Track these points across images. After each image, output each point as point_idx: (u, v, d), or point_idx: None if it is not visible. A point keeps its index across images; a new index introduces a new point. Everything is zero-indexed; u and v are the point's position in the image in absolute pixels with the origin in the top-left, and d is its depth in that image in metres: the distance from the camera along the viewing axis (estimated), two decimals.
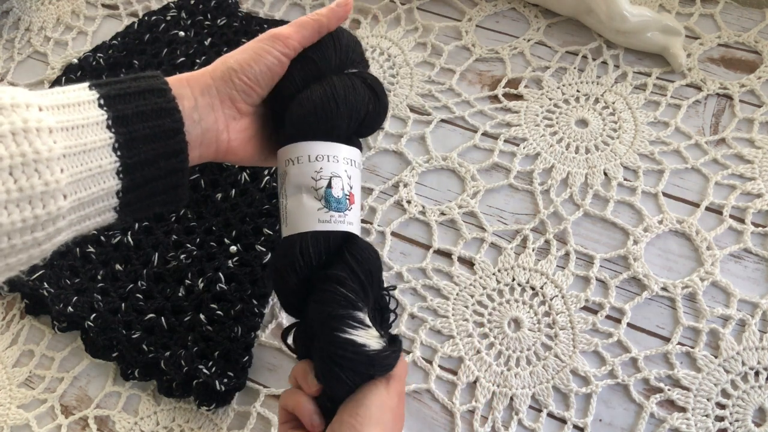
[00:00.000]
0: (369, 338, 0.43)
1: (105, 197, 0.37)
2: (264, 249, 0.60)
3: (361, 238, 0.46)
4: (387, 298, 0.48)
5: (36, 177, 0.32)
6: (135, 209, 0.39)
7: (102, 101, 0.37)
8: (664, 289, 0.57)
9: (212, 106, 0.42)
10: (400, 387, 0.45)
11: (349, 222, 0.45)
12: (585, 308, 0.57)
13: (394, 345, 0.45)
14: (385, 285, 0.49)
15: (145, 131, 0.37)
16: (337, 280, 0.43)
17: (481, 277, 0.60)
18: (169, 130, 0.39)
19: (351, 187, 0.45)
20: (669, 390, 0.53)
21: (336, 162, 0.45)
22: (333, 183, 0.45)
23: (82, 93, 0.37)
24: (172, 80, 0.41)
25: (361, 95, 0.46)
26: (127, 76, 0.39)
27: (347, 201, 0.45)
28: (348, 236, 0.45)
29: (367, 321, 0.43)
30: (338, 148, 0.45)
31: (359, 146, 0.48)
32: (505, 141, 0.67)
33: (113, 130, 0.36)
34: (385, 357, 0.43)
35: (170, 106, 0.39)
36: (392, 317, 0.48)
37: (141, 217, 0.61)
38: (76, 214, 0.35)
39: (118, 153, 0.36)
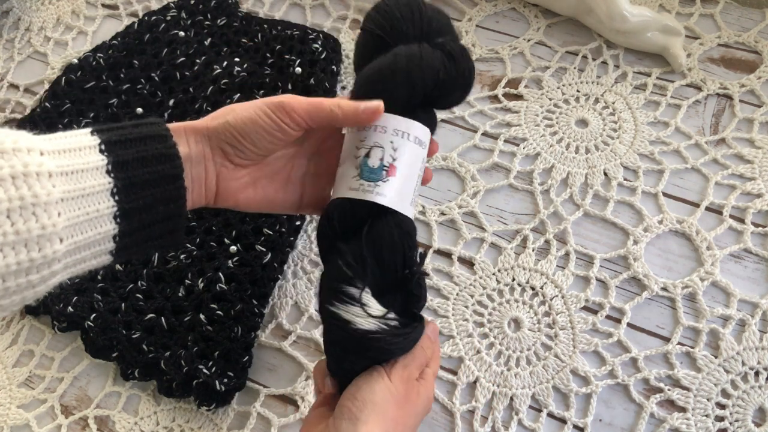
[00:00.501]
0: (357, 316, 0.41)
1: (101, 241, 0.37)
2: (264, 249, 0.60)
3: (398, 215, 0.44)
4: (417, 283, 0.45)
5: (33, 221, 0.33)
6: (131, 252, 0.40)
7: (103, 147, 0.37)
8: (664, 289, 0.57)
9: (203, 154, 0.42)
10: (405, 373, 0.43)
11: (380, 193, 0.43)
12: (585, 308, 0.57)
13: (398, 330, 0.43)
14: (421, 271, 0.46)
15: (144, 176, 0.38)
16: (339, 252, 0.43)
17: (481, 277, 0.60)
18: (168, 176, 0.39)
19: (394, 159, 0.44)
20: (669, 390, 0.53)
21: (383, 133, 0.44)
22: (372, 153, 0.44)
23: (84, 138, 0.37)
24: (172, 127, 0.41)
25: (430, 63, 0.44)
26: (129, 122, 0.40)
27: (383, 172, 0.43)
28: (380, 210, 0.43)
29: (362, 299, 0.42)
30: (388, 119, 0.44)
31: (428, 122, 0.45)
32: (505, 141, 0.67)
33: (112, 175, 0.37)
34: (375, 339, 0.42)
35: (171, 152, 0.39)
36: (421, 304, 0.45)
37: (137, 259, 0.61)
38: (72, 257, 0.36)
39: (116, 198, 0.37)
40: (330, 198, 0.45)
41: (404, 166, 0.44)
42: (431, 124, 0.46)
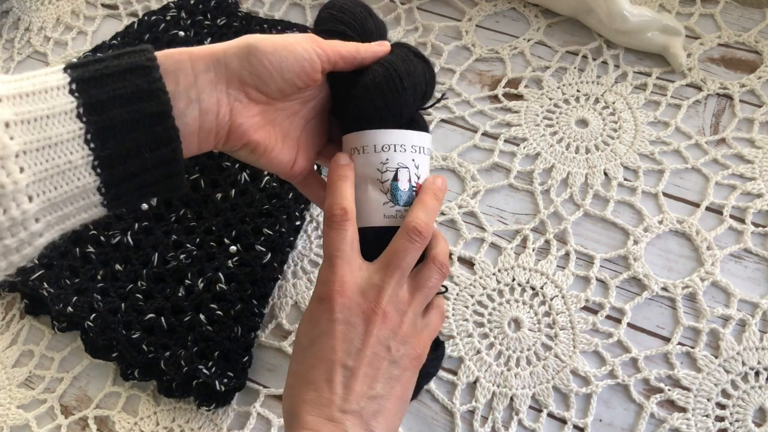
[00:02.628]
0: None
1: (83, 195, 0.33)
2: (264, 249, 0.60)
3: None
4: None
5: None
6: (126, 202, 0.35)
7: (74, 86, 0.32)
8: (664, 289, 0.57)
9: (215, 84, 0.37)
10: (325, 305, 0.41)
11: None
12: (585, 308, 0.57)
13: None
14: None
15: (122, 117, 0.33)
16: None
17: (481, 277, 0.60)
18: (152, 115, 0.33)
19: (419, 178, 0.44)
20: (669, 390, 0.53)
21: (403, 151, 0.43)
22: (399, 175, 0.43)
23: (52, 77, 0.32)
24: (169, 53, 0.36)
25: (416, 65, 0.43)
26: (109, 53, 0.35)
27: (414, 193, 0.43)
28: None
29: None
30: (405, 136, 0.43)
31: (426, 128, 0.46)
32: (505, 141, 0.67)
33: (84, 119, 0.32)
34: None
35: (154, 87, 0.34)
36: None
37: (137, 206, 0.57)
38: (53, 214, 0.32)
39: (91, 145, 0.32)
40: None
41: (424, 180, 0.45)
42: (428, 130, 0.46)
